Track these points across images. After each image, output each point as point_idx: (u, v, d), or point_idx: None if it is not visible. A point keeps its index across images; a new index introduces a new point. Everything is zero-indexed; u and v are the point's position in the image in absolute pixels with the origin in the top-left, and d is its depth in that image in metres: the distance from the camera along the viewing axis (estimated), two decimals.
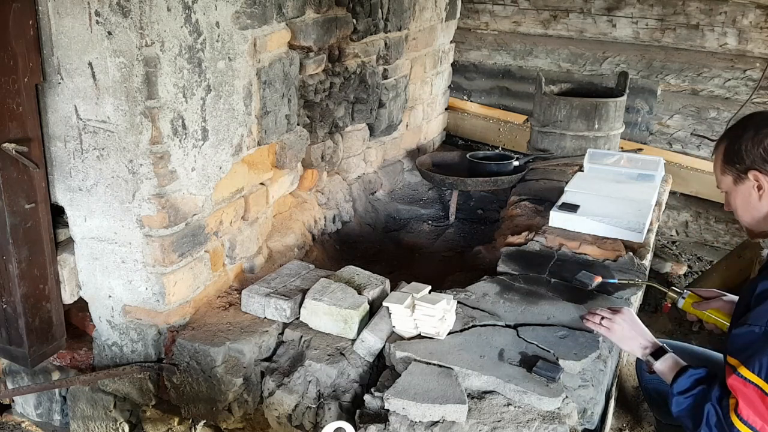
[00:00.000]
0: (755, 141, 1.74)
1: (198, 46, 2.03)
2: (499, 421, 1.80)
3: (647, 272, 2.63)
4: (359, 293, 2.22)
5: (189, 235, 2.17)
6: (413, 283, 2.27)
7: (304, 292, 2.23)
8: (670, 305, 2.16)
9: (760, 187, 1.75)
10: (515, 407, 1.84)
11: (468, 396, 1.85)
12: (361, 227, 3.45)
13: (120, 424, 2.38)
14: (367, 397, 1.92)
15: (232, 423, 2.17)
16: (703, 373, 1.75)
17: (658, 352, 1.88)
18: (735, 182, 1.81)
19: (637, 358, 2.29)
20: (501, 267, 2.54)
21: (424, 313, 2.06)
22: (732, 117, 4.00)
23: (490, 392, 1.89)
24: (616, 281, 2.33)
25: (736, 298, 1.96)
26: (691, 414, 1.70)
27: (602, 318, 1.99)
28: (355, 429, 1.81)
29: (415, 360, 1.98)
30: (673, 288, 2.14)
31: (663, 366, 1.84)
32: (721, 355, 1.78)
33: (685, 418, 1.73)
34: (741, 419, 1.58)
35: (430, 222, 3.64)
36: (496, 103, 4.72)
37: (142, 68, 1.87)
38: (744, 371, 1.59)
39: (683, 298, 2.10)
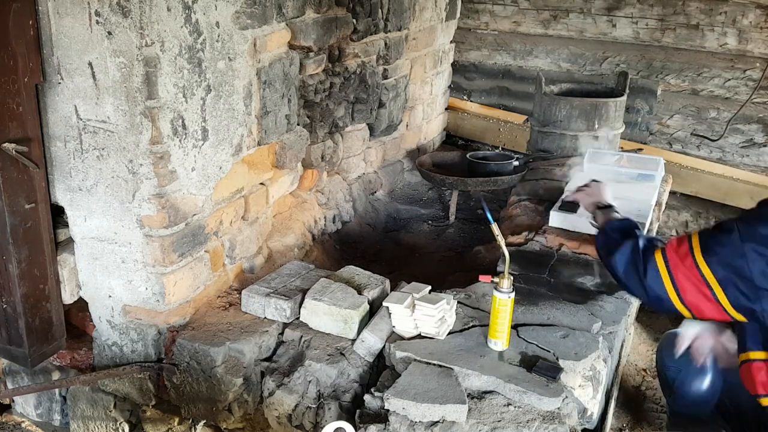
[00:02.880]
0: None
1: (198, 46, 2.03)
2: (499, 421, 1.80)
3: None
4: (359, 293, 2.22)
5: (189, 235, 2.17)
6: (413, 283, 2.27)
7: (304, 292, 2.23)
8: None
9: None
10: (515, 407, 1.84)
11: (468, 396, 1.85)
12: (361, 227, 3.45)
13: (120, 424, 2.38)
14: (367, 397, 1.92)
15: (232, 423, 2.17)
16: (635, 223, 2.02)
17: (603, 208, 2.20)
18: None
19: (658, 350, 2.29)
20: (501, 267, 2.53)
21: (424, 313, 2.06)
22: (732, 117, 4.00)
23: (490, 392, 1.89)
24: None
25: None
26: (611, 243, 1.93)
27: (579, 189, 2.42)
28: (355, 429, 1.80)
29: (415, 360, 1.98)
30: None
31: (601, 215, 2.16)
32: None
33: (603, 247, 1.98)
34: (663, 255, 1.76)
35: (430, 222, 3.64)
36: (496, 103, 4.72)
37: (142, 68, 1.87)
38: (693, 235, 1.74)
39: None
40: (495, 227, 1.95)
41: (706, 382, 2.09)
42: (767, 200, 1.74)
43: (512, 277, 1.98)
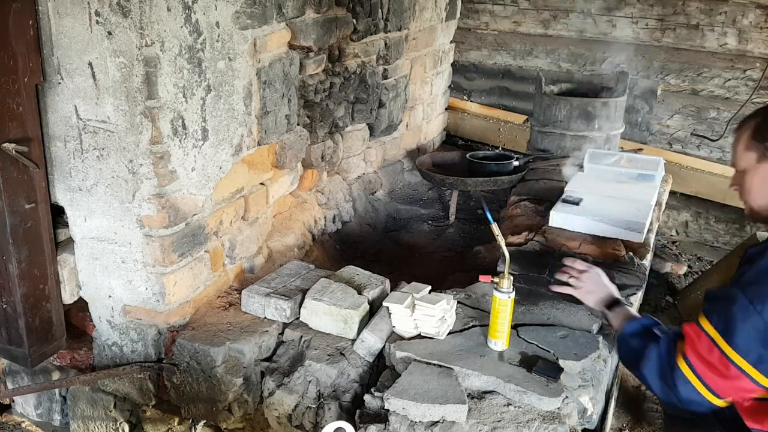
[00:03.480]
0: None
1: (198, 46, 2.03)
2: (499, 421, 1.80)
3: (647, 272, 2.62)
4: (359, 293, 2.22)
5: (189, 235, 2.17)
6: (413, 283, 2.27)
7: (304, 292, 2.23)
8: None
9: None
10: (515, 407, 1.84)
11: (468, 396, 1.85)
12: (361, 227, 3.45)
13: (120, 424, 2.38)
14: (367, 397, 1.92)
15: (232, 423, 2.17)
16: (652, 321, 1.87)
17: (612, 305, 2.01)
18: (759, 160, 1.74)
19: None
20: (501, 267, 2.53)
21: (424, 313, 2.06)
22: (732, 117, 4.00)
23: (490, 392, 1.89)
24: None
25: None
26: (635, 354, 1.80)
27: (570, 276, 2.14)
28: (355, 429, 1.80)
29: (415, 360, 1.98)
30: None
31: (614, 316, 1.97)
32: None
33: (627, 359, 1.85)
34: (687, 361, 1.64)
35: (430, 222, 3.64)
36: (496, 103, 4.72)
37: (142, 68, 1.87)
38: (702, 320, 1.63)
39: None
40: (495, 227, 1.96)
41: None
42: (748, 249, 1.71)
43: (512, 278, 1.98)
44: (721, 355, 1.58)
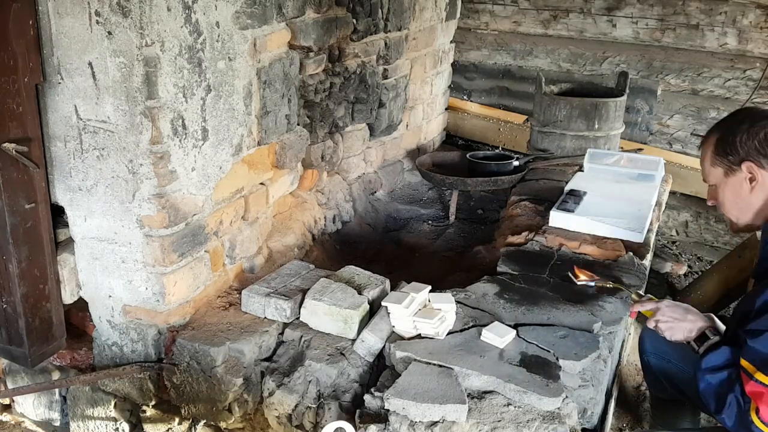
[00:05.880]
0: (750, 133, 1.71)
1: (198, 46, 2.03)
2: (499, 421, 1.80)
3: (647, 272, 2.62)
4: (359, 293, 2.22)
5: (189, 235, 2.17)
6: (413, 283, 2.27)
7: (304, 292, 2.23)
8: (636, 313, 2.00)
9: (753, 179, 1.73)
10: (515, 407, 1.84)
11: (468, 396, 1.85)
12: (361, 227, 3.45)
13: (120, 424, 2.38)
14: (367, 397, 1.92)
15: (232, 423, 2.17)
16: (732, 355, 1.70)
17: (701, 338, 1.82)
18: (726, 174, 1.78)
19: (640, 337, 2.28)
20: (501, 267, 2.54)
21: (423, 322, 2.06)
22: None
23: (490, 392, 1.89)
24: (593, 285, 2.25)
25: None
26: (716, 397, 1.69)
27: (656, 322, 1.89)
28: (355, 429, 1.81)
29: (415, 360, 1.98)
30: (638, 292, 2.03)
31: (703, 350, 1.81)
32: None
33: (709, 398, 1.72)
34: (762, 420, 1.60)
35: (430, 222, 3.64)
36: (496, 103, 4.72)
37: (142, 68, 1.87)
38: (760, 376, 1.60)
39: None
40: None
41: (685, 370, 2.07)
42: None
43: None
44: None
